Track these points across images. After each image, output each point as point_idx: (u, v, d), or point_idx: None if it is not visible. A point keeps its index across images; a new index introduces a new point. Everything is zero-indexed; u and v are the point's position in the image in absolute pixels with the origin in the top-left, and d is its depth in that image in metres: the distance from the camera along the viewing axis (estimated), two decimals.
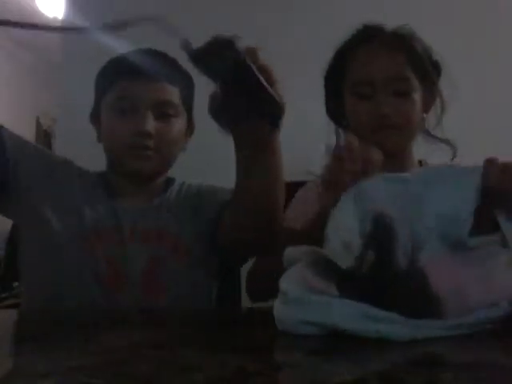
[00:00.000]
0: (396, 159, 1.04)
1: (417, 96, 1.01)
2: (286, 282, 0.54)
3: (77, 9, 1.72)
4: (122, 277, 0.91)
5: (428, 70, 1.01)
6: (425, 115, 1.06)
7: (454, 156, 1.05)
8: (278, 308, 0.54)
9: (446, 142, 1.06)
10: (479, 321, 0.50)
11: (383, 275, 0.52)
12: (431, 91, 1.04)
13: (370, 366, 0.42)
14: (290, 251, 0.58)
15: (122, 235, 0.95)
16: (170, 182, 1.08)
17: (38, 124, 5.16)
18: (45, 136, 5.20)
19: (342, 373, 0.41)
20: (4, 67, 4.59)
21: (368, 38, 1.03)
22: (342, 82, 1.05)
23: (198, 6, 1.73)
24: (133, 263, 0.93)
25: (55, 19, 3.51)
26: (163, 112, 0.98)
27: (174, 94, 0.99)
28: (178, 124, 1.00)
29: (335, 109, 1.09)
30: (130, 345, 0.51)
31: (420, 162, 1.11)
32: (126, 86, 0.97)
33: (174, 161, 1.03)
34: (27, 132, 5.00)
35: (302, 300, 0.52)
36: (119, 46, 0.91)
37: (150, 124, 0.95)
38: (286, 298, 0.53)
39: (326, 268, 0.54)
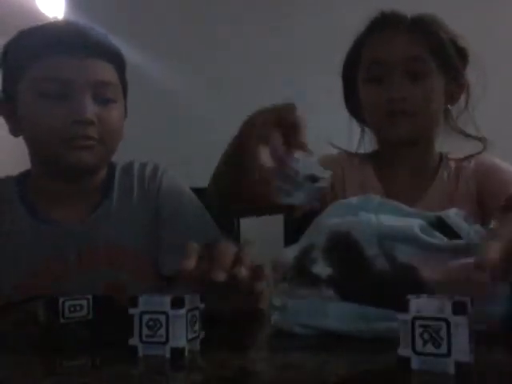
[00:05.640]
0: (414, 150, 0.97)
1: (435, 81, 0.92)
2: (279, 298, 0.54)
3: (77, 9, 1.72)
4: None
5: (450, 54, 0.93)
6: (449, 107, 0.97)
7: (484, 149, 0.96)
8: (276, 319, 0.54)
9: (471, 136, 0.96)
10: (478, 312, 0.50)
11: (361, 283, 0.52)
12: (457, 81, 0.95)
13: (368, 366, 0.42)
14: (277, 263, 0.57)
15: (64, 265, 0.80)
16: (111, 170, 0.90)
17: None
18: None
19: (342, 373, 0.41)
20: None
21: (385, 24, 0.95)
22: (357, 71, 0.97)
23: (198, 6, 1.72)
24: None
25: (55, 19, 3.51)
26: (102, 95, 0.80)
27: (112, 73, 0.83)
28: (119, 109, 0.84)
29: (353, 102, 1.01)
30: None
31: (441, 155, 1.02)
32: (55, 64, 0.78)
33: (115, 152, 0.87)
34: None
35: (297, 307, 0.52)
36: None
37: (91, 110, 0.78)
38: (282, 310, 0.53)
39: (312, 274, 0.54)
